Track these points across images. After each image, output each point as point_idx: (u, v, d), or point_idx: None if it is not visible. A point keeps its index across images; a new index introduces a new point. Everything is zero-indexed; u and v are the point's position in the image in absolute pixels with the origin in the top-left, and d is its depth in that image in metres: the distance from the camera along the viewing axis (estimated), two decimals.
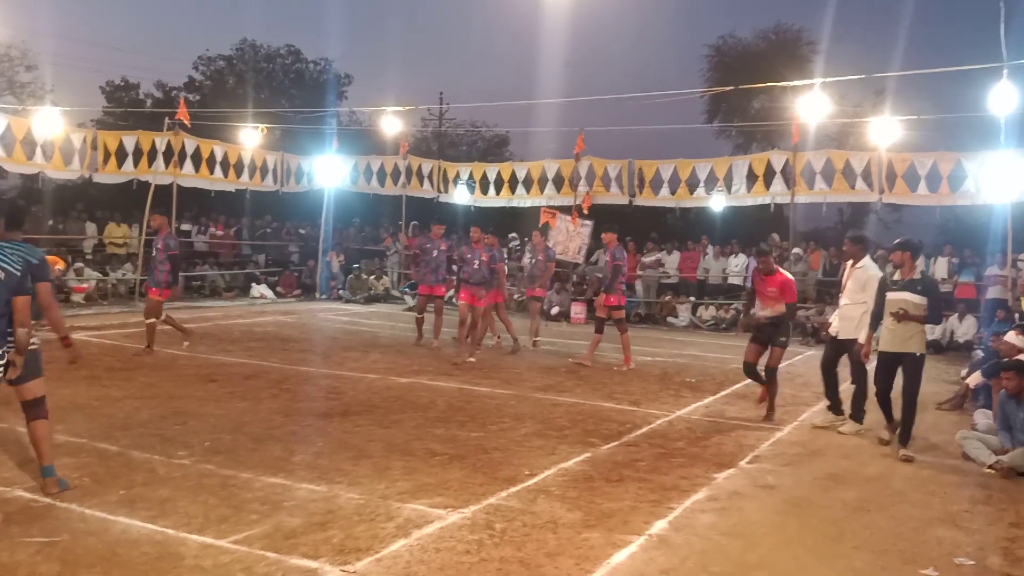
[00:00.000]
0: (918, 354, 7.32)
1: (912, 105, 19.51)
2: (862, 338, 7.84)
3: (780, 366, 8.92)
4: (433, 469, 6.23)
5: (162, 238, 11.19)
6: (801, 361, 13.20)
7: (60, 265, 15.21)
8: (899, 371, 7.48)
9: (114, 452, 6.27)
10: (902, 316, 7.25)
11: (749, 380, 9.21)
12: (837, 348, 8.47)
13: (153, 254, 11.49)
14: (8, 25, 27.39)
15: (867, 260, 8.32)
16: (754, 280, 9.04)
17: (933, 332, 15.29)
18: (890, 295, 7.40)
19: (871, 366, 7.90)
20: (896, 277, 7.56)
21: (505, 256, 14.32)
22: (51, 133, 17.32)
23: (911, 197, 16.95)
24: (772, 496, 6.02)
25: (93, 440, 6.50)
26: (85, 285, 17.73)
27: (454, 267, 13.07)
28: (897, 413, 7.54)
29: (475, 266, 11.72)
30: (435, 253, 12.69)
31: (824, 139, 22.38)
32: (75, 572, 4.15)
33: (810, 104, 16.34)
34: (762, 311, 8.85)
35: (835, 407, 8.53)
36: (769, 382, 8.75)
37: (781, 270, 8.94)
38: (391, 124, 20.63)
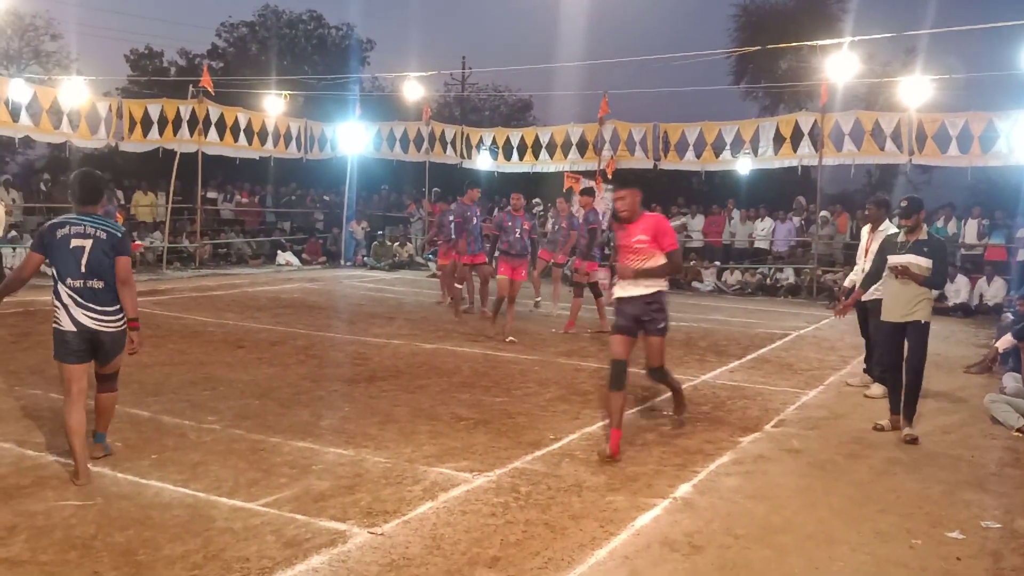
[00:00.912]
0: (923, 322, 6.67)
1: (943, 64, 19.12)
2: (859, 295, 7.51)
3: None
4: (459, 433, 6.28)
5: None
6: (827, 325, 13.11)
7: (120, 222, 15.35)
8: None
9: (145, 418, 6.38)
10: (901, 272, 6.61)
11: (766, 348, 8.71)
12: (865, 311, 8.42)
13: None
14: None
15: (888, 223, 8.25)
16: (616, 235, 6.41)
17: (959, 295, 15.14)
18: (895, 259, 6.73)
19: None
20: (901, 238, 6.80)
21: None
22: (77, 102, 17.45)
23: (942, 158, 16.67)
24: (797, 460, 6.02)
25: (124, 406, 6.59)
26: (140, 243, 17.99)
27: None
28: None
29: (516, 235, 10.82)
30: (475, 220, 12.33)
31: (853, 100, 21.99)
32: (109, 534, 4.24)
33: (839, 64, 16.10)
34: (626, 279, 6.22)
35: (871, 368, 8.54)
36: (662, 383, 6.67)
37: (647, 212, 6.41)
38: (414, 90, 20.56)
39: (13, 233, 16.72)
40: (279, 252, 21.34)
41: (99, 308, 5.08)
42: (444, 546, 4.25)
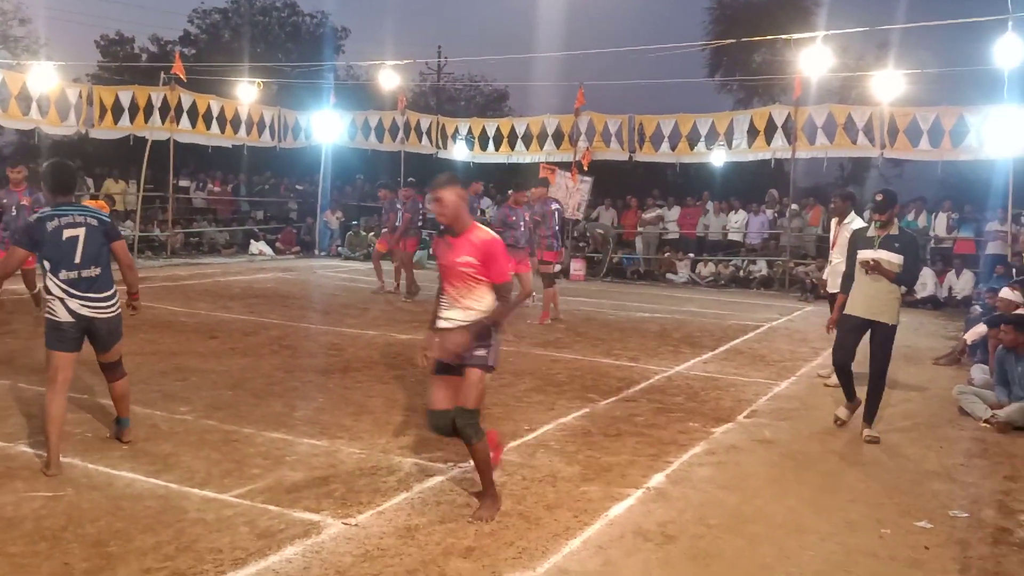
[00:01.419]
0: (891, 324, 6.39)
1: (915, 58, 19.33)
2: (842, 301, 6.92)
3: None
4: None
5: (23, 192, 9.64)
6: (800, 317, 13.24)
7: (105, 210, 15.30)
8: (866, 340, 6.54)
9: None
10: (872, 267, 6.34)
11: (739, 339, 8.60)
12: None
13: (15, 212, 9.55)
14: None
15: (854, 216, 8.32)
16: (436, 250, 4.82)
17: (926, 288, 15.31)
18: (865, 253, 6.45)
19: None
20: (871, 233, 6.54)
21: (421, 208, 14.18)
22: (46, 88, 17.16)
23: (913, 152, 16.84)
24: (769, 450, 6.08)
25: (95, 396, 6.54)
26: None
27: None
28: (861, 390, 6.65)
29: (521, 228, 11.10)
30: (477, 213, 12.60)
31: (826, 93, 22.08)
32: (80, 526, 4.20)
33: (812, 57, 16.19)
34: (447, 311, 4.71)
35: None
36: (464, 437, 4.58)
37: (480, 225, 4.79)
38: (389, 79, 20.42)
39: None
40: (252, 241, 21.18)
41: (95, 295, 5.06)
42: (418, 537, 4.25)
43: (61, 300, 4.96)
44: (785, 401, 7.63)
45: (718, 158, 18.88)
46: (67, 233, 4.97)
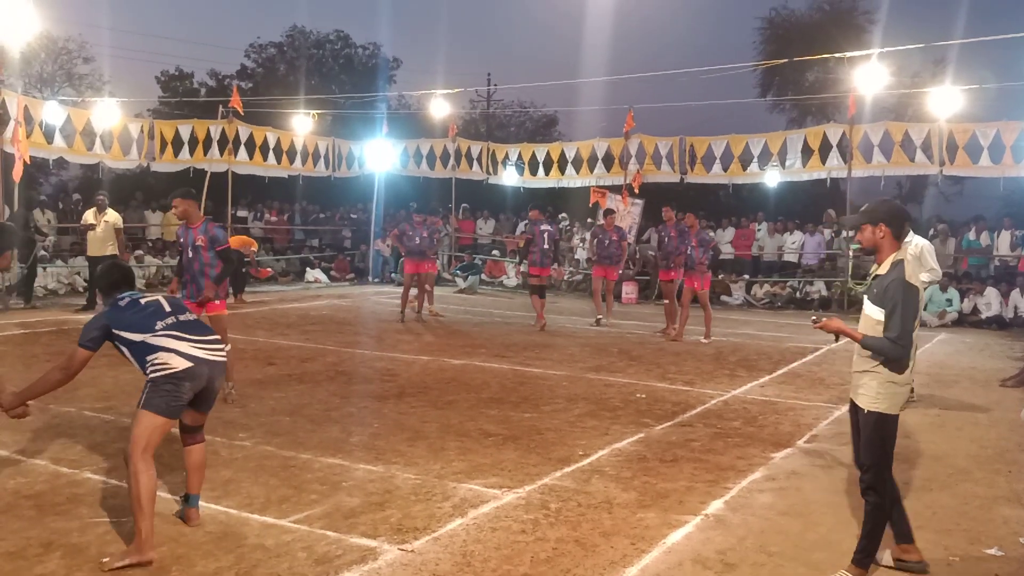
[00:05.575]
0: (867, 411, 4.32)
1: (973, 73, 18.89)
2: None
3: None
4: (487, 450, 6.27)
5: (199, 230, 7.47)
6: None
7: (254, 246, 16.27)
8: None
9: (177, 435, 6.41)
10: (822, 326, 4.57)
11: (797, 362, 8.51)
12: None
13: (191, 255, 7.46)
14: (65, 19, 28.09)
15: (912, 235, 8.23)
16: None
17: (991, 308, 14.86)
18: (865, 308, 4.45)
19: None
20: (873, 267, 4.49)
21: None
22: (109, 124, 17.71)
23: (973, 168, 16.50)
24: (831, 475, 5.94)
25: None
26: (269, 269, 19.53)
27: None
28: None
29: (606, 244, 13.75)
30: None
31: (882, 111, 21.80)
32: None
33: (867, 75, 15.97)
34: None
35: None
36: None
37: None
38: (440, 107, 20.67)
39: (43, 253, 17.00)
40: (308, 269, 21.50)
41: None
42: (474, 563, 4.24)
43: None
44: (847, 425, 7.38)
45: (772, 178, 18.70)
46: None
